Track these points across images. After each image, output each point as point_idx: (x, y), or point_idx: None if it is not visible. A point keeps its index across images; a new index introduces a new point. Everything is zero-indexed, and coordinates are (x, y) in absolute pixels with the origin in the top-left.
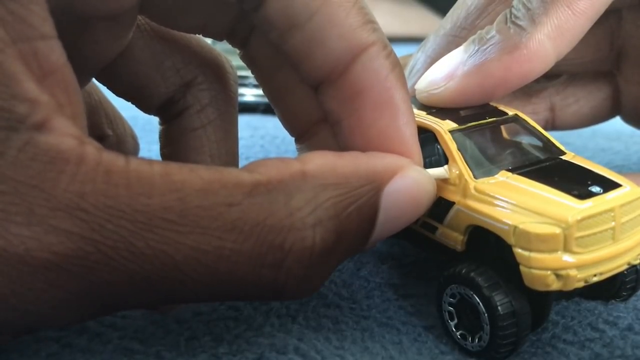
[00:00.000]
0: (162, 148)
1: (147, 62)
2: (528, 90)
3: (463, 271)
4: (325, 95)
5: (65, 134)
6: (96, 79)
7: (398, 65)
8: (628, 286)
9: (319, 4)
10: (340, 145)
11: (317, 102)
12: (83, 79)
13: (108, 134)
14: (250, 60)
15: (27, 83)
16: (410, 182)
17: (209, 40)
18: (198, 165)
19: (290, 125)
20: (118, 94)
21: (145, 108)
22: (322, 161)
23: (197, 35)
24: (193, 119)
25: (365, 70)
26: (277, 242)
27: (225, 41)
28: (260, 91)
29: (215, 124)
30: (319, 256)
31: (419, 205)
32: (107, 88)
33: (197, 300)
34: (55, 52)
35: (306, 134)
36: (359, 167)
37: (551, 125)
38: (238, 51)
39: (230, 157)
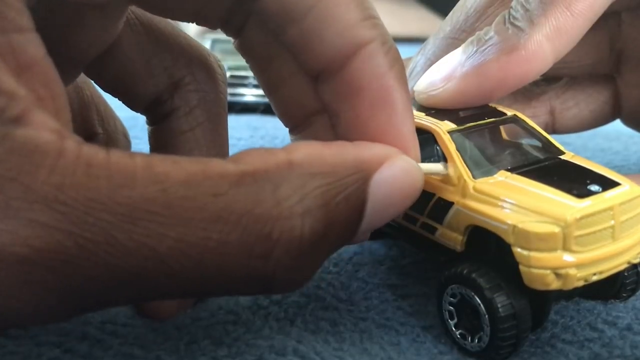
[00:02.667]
0: (151, 151)
1: (135, 59)
2: (528, 94)
3: (464, 272)
4: (323, 86)
5: (44, 128)
6: (83, 72)
7: (398, 62)
8: (628, 287)
9: (314, 0)
10: (337, 137)
11: (313, 93)
12: (72, 71)
13: (98, 132)
14: (245, 50)
15: (3, 76)
16: (398, 171)
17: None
18: (182, 157)
19: (284, 115)
20: (104, 89)
21: (132, 105)
22: (308, 150)
23: (186, 34)
24: (181, 122)
25: (362, 68)
26: (264, 231)
27: (222, 40)
28: (260, 91)
29: (204, 126)
30: (308, 246)
31: (407, 195)
32: (94, 82)
33: (185, 296)
34: (32, 45)
35: (301, 125)
36: (346, 156)
37: (551, 129)
38: (238, 52)
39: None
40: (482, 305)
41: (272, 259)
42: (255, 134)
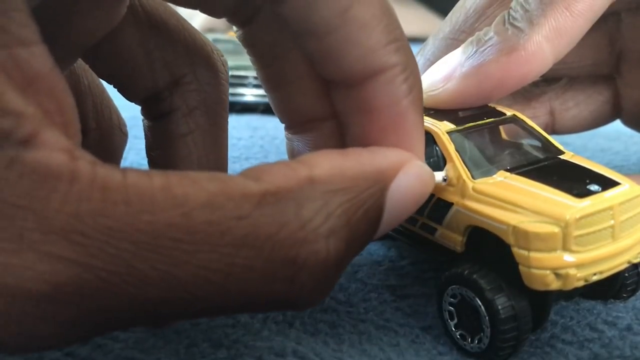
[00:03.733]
0: (148, 149)
1: (135, 49)
2: (528, 94)
3: (465, 272)
4: (336, 94)
5: (55, 149)
6: (81, 58)
7: (415, 88)
8: (629, 288)
9: (340, 22)
10: (345, 143)
11: (319, 100)
12: (69, 57)
13: (91, 127)
14: (248, 43)
15: (9, 94)
16: (412, 178)
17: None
18: (200, 174)
19: (283, 114)
20: (101, 76)
21: (129, 96)
22: (329, 164)
23: (191, 27)
24: (180, 124)
25: (379, 91)
26: (289, 256)
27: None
28: (260, 91)
29: (204, 129)
30: (332, 267)
31: (419, 200)
32: (91, 69)
33: (204, 316)
34: (38, 58)
35: (300, 126)
36: (365, 167)
37: (551, 129)
38: (241, 43)
39: (219, 165)
40: (482, 306)
41: (297, 283)
42: (255, 134)
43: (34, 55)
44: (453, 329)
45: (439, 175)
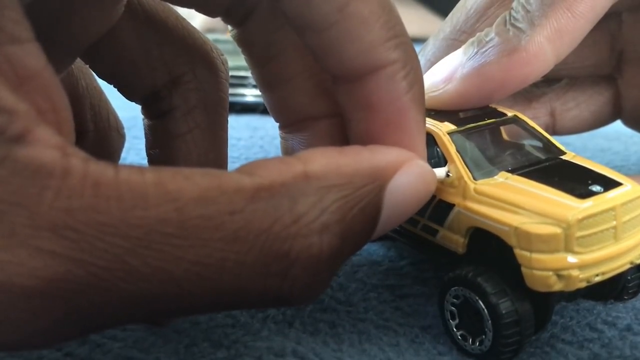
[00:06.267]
0: (148, 148)
1: (134, 49)
2: (528, 95)
3: (469, 275)
4: (339, 90)
5: (48, 145)
6: (80, 57)
7: (416, 85)
8: (630, 290)
9: (339, 17)
10: (347, 139)
11: (314, 99)
12: (66, 58)
13: (89, 129)
14: (243, 42)
15: (1, 92)
16: (412, 177)
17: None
18: (193, 170)
19: (278, 113)
20: (100, 76)
21: (128, 95)
22: (324, 160)
23: (190, 25)
24: (179, 123)
25: (379, 88)
26: (282, 250)
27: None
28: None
29: (203, 127)
30: (325, 262)
31: (420, 200)
32: (90, 68)
33: (196, 313)
34: (31, 56)
35: (294, 125)
36: (362, 164)
37: (552, 130)
38: (236, 42)
39: (218, 164)
40: (485, 309)
41: (289, 277)
42: (255, 134)
43: (27, 53)
44: (454, 329)
45: (442, 171)
